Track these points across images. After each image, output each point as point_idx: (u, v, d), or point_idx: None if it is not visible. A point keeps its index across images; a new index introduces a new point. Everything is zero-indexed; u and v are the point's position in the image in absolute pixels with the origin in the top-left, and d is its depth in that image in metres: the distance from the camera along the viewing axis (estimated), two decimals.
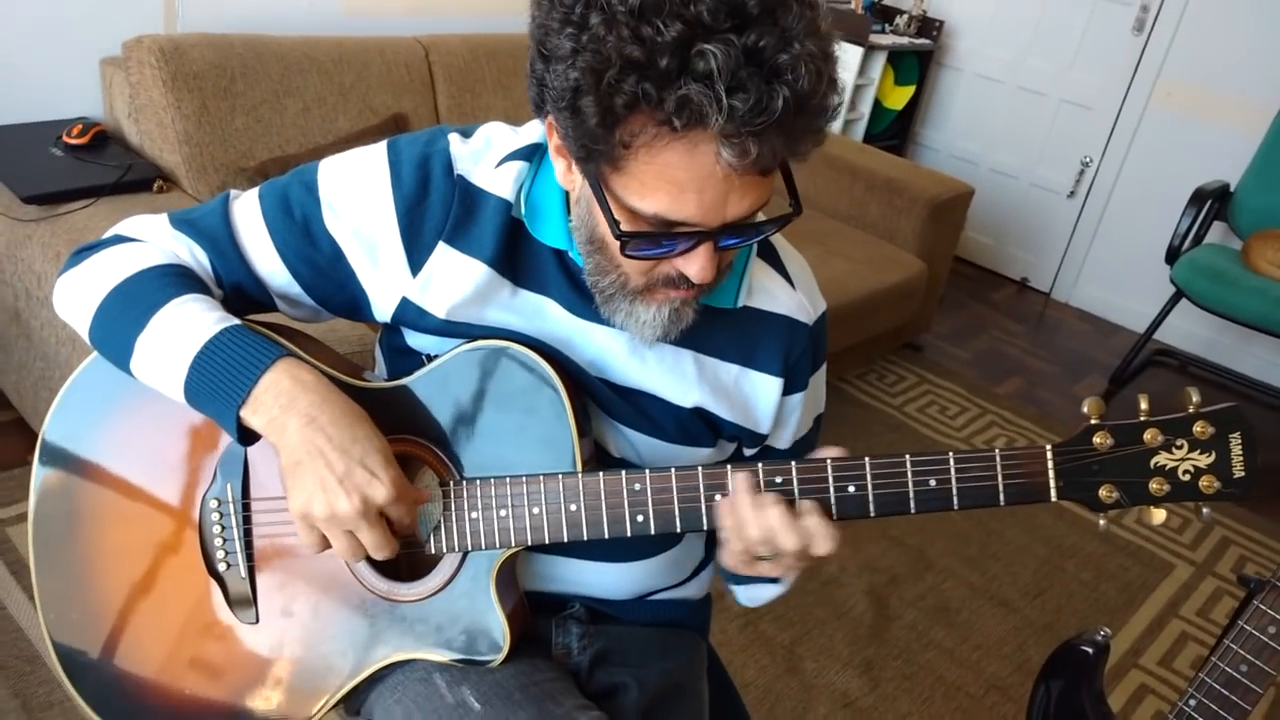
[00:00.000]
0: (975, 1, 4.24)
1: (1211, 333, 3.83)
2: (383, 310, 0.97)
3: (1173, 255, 3.33)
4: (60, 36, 2.15)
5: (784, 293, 1.01)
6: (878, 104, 4.05)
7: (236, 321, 0.89)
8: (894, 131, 4.34)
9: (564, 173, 0.88)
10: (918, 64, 4.20)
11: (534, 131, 0.96)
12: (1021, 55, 4.18)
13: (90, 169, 2.00)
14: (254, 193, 0.98)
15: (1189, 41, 3.73)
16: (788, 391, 1.02)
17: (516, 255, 0.95)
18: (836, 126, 3.80)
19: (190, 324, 0.88)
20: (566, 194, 0.91)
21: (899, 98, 4.18)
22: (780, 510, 0.85)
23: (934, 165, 4.24)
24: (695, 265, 0.82)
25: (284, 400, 0.85)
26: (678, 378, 0.98)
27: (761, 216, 0.87)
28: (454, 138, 0.96)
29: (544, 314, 0.96)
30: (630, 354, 0.97)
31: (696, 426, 1.00)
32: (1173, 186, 3.69)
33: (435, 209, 0.93)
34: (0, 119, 2.11)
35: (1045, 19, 4.08)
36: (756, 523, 0.86)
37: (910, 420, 3.09)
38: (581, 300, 0.95)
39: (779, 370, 1.01)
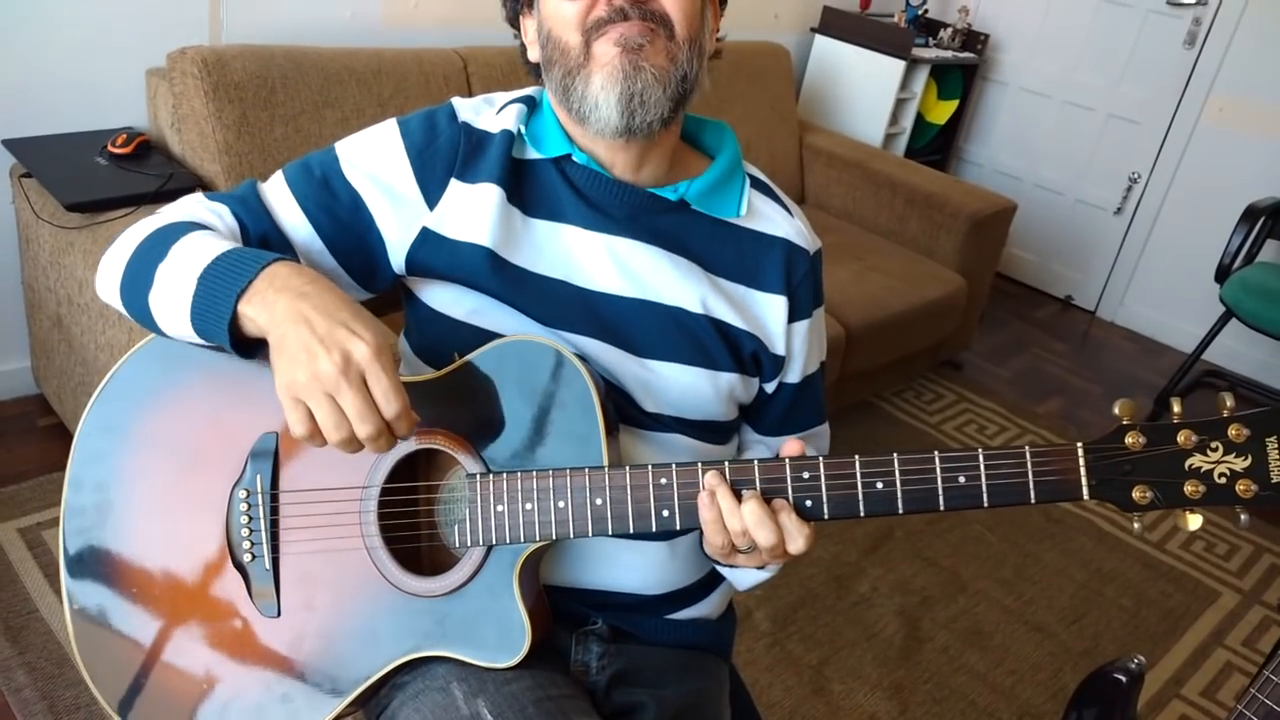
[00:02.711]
0: (1022, 15, 4.20)
1: (1263, 354, 3.74)
2: (398, 251, 1.02)
3: (1223, 274, 3.26)
4: (108, 48, 2.19)
5: (782, 218, 1.10)
6: (920, 118, 4.01)
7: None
8: (936, 146, 4.29)
9: (532, 42, 1.04)
10: (962, 78, 4.15)
11: (527, 89, 1.09)
12: (1069, 70, 4.12)
13: (132, 178, 2.03)
14: (278, 172, 1.06)
15: (1242, 56, 3.66)
16: (793, 318, 1.08)
17: (522, 183, 1.03)
18: (878, 139, 3.77)
19: (204, 247, 0.91)
20: (558, 119, 1.03)
21: (942, 112, 4.13)
22: (754, 505, 0.87)
23: (977, 181, 4.19)
24: None
25: (277, 284, 0.86)
26: (691, 283, 1.03)
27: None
28: (455, 99, 1.08)
29: (561, 241, 1.03)
30: (646, 260, 1.03)
31: (711, 339, 1.03)
32: (1223, 203, 3.61)
33: (444, 149, 1.02)
34: (48, 128, 2.16)
35: (1094, 33, 4.02)
36: (734, 517, 0.88)
37: (948, 439, 3.05)
38: (593, 211, 1.02)
39: (781, 289, 1.07)
